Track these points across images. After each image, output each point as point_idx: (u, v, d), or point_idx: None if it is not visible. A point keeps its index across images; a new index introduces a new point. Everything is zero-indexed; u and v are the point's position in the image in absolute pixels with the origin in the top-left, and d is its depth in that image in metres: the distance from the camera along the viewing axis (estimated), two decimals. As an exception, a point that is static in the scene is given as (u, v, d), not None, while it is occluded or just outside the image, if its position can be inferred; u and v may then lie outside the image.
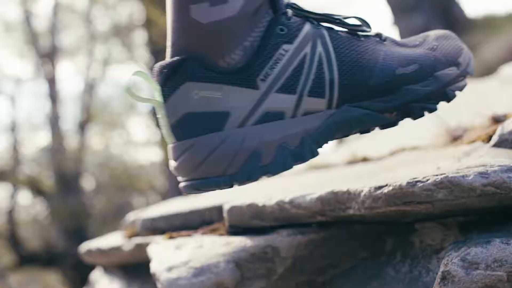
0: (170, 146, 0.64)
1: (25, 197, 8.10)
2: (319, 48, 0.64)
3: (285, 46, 0.63)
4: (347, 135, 0.67)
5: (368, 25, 0.70)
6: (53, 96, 7.84)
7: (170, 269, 0.82)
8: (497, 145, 0.77)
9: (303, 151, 0.63)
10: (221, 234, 0.90)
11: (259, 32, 0.63)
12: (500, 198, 0.65)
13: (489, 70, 2.66)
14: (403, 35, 5.12)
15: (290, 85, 0.63)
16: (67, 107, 8.40)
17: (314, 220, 0.79)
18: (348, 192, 0.73)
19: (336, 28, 0.68)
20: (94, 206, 8.19)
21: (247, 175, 0.62)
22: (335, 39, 0.66)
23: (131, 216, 1.24)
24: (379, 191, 0.70)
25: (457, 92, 0.70)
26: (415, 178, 0.68)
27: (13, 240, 7.28)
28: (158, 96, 0.63)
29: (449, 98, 0.69)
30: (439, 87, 0.68)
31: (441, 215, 0.73)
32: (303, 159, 0.64)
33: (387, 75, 0.66)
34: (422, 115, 0.67)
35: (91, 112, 7.98)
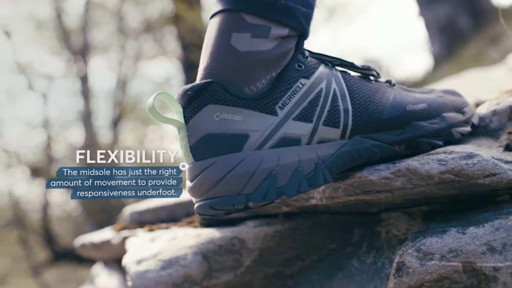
0: (187, 167, 0.65)
1: (58, 193, 8.15)
2: (334, 85, 0.68)
3: (303, 80, 0.66)
4: (357, 164, 0.68)
5: (377, 74, 0.74)
6: (85, 93, 7.88)
7: (139, 261, 0.81)
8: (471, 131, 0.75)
9: (316, 176, 0.64)
10: (196, 226, 0.89)
11: (282, 67, 0.66)
12: (460, 186, 0.63)
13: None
14: (429, 25, 5.05)
15: (306, 114, 0.65)
16: (100, 104, 8.39)
17: (280, 211, 0.78)
18: (309, 182, 0.71)
19: (349, 71, 0.72)
20: (127, 202, 8.23)
21: (263, 196, 0.62)
22: (348, 79, 0.70)
23: (127, 210, 1.23)
24: (338, 180, 0.68)
25: (461, 135, 0.73)
26: (374, 166, 0.66)
27: (48, 236, 7.35)
28: (180, 118, 0.64)
29: (453, 137, 0.72)
30: (445, 126, 0.71)
31: (405, 205, 0.71)
32: (316, 184, 0.65)
33: (398, 110, 0.70)
34: (429, 150, 0.69)
35: (124, 108, 7.98)
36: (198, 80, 0.66)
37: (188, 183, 0.65)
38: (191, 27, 6.33)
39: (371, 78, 0.73)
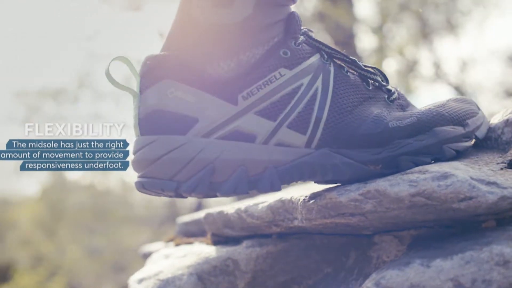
0: (134, 139, 0.61)
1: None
2: (318, 83, 0.60)
3: (283, 70, 0.59)
4: (318, 181, 0.61)
5: (385, 79, 0.65)
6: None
7: (141, 280, 0.78)
8: (479, 144, 0.65)
9: (261, 181, 0.58)
10: (208, 244, 0.85)
11: (263, 50, 0.59)
12: (436, 211, 0.54)
13: None
14: None
15: (272, 110, 0.58)
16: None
17: (272, 231, 0.72)
18: (291, 201, 0.65)
19: (348, 68, 0.63)
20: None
21: (193, 187, 0.57)
22: (340, 78, 0.61)
23: (179, 220, 1.21)
24: (312, 201, 0.61)
25: (456, 151, 0.62)
26: (345, 186, 0.59)
27: (201, 234, 7.53)
28: (137, 86, 0.60)
29: (445, 155, 0.60)
30: (435, 142, 0.60)
31: (391, 228, 0.62)
32: (259, 189, 0.58)
33: (379, 126, 0.60)
34: (411, 167, 0.58)
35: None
36: (160, 50, 0.61)
37: (132, 156, 0.61)
38: (336, 24, 6.25)
39: (375, 83, 0.64)
